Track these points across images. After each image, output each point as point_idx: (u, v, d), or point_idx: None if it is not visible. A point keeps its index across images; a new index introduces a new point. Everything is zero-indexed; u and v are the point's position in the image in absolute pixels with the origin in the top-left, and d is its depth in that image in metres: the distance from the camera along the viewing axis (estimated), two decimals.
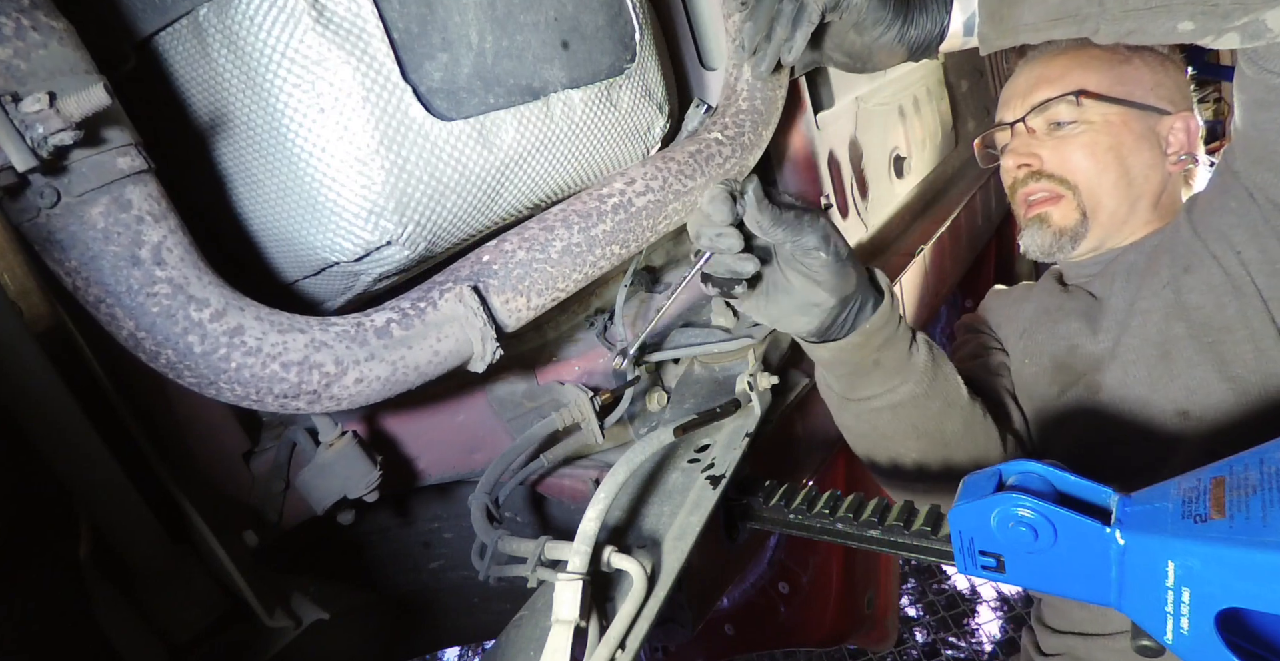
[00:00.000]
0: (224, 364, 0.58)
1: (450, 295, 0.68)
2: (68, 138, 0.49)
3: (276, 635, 0.83)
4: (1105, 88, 1.09)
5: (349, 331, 0.64)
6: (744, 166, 0.94)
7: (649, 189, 0.81)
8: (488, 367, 0.71)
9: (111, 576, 0.71)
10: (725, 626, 2.27)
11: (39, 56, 0.52)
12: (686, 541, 0.77)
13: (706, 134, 0.91)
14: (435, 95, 0.68)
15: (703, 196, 0.80)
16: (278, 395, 0.61)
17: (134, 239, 0.55)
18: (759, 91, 0.94)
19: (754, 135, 0.94)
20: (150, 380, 0.79)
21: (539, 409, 0.98)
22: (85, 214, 0.54)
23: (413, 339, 0.66)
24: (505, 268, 0.72)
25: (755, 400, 0.96)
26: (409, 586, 1.18)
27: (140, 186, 0.56)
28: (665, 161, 0.85)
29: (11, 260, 0.66)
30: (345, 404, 0.64)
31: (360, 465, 0.82)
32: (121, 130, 0.56)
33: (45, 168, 0.51)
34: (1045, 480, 0.62)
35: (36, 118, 0.48)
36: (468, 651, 3.40)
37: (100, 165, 0.54)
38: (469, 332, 0.68)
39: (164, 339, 0.57)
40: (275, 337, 0.60)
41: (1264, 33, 0.69)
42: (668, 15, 1.05)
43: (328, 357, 0.62)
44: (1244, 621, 0.54)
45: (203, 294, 0.58)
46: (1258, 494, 0.50)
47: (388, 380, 0.65)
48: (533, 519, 1.02)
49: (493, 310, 0.71)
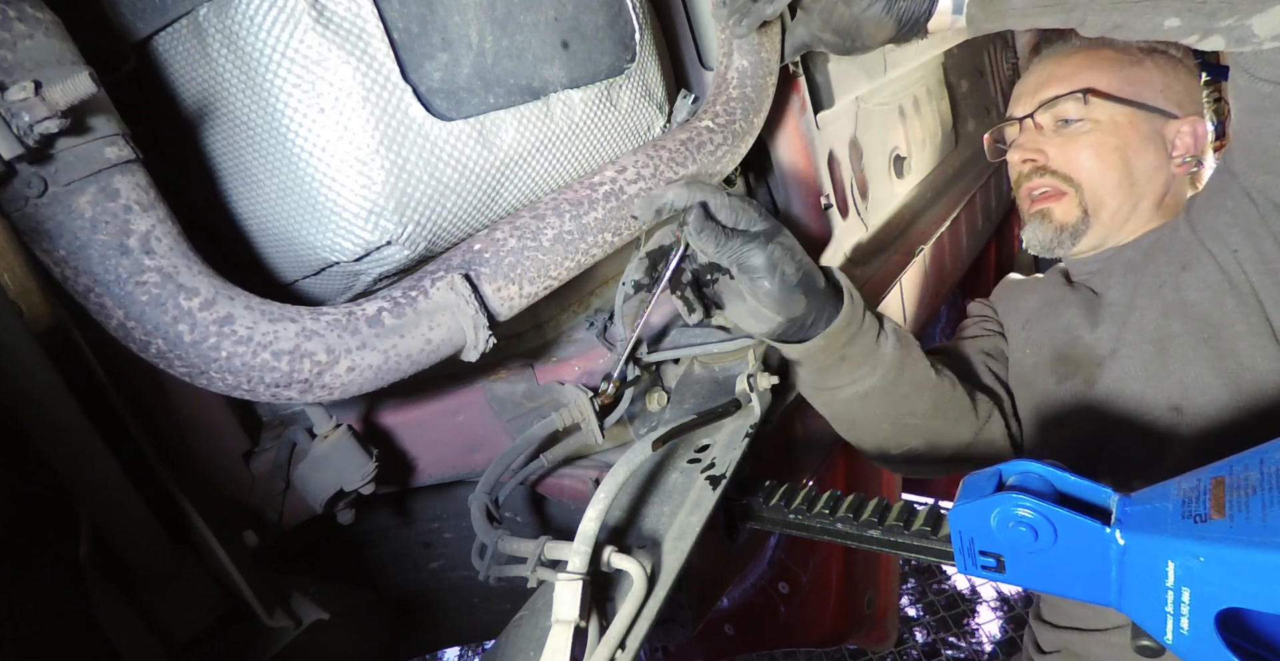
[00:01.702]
0: (214, 353, 0.58)
1: (442, 284, 0.68)
2: (53, 126, 0.49)
3: (276, 635, 0.83)
4: (1114, 88, 1.09)
5: (340, 320, 0.64)
6: (736, 154, 0.94)
7: (640, 177, 0.81)
8: (481, 357, 0.71)
9: (111, 576, 0.71)
10: (725, 626, 2.27)
11: (25, 47, 0.52)
12: (686, 541, 0.77)
13: (698, 122, 0.91)
14: (435, 95, 0.68)
15: (646, 204, 0.81)
16: (269, 384, 0.61)
17: (122, 228, 0.55)
18: (750, 79, 0.94)
19: (745, 123, 0.94)
20: (150, 380, 0.79)
21: (539, 409, 0.98)
22: (73, 203, 0.54)
23: (405, 327, 0.66)
24: (497, 256, 0.72)
25: (755, 400, 0.96)
26: (409, 586, 1.18)
27: (128, 176, 0.56)
28: (656, 149, 0.85)
29: (11, 260, 0.66)
30: (338, 393, 0.64)
31: (355, 457, 0.82)
32: (108, 120, 0.55)
33: (32, 156, 0.51)
34: (1045, 480, 0.62)
35: (22, 106, 0.48)
36: (468, 651, 3.40)
37: (87, 154, 0.54)
38: (461, 321, 0.68)
39: (153, 328, 0.56)
40: (266, 326, 0.60)
41: (1249, 38, 0.69)
42: (668, 15, 1.05)
43: (319, 346, 0.62)
44: (1244, 621, 0.54)
45: (192, 283, 0.58)
46: (1258, 494, 0.50)
47: (380, 368, 0.65)
48: (533, 519, 1.02)
49: (485, 298, 0.71)
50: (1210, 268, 0.94)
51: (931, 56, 1.68)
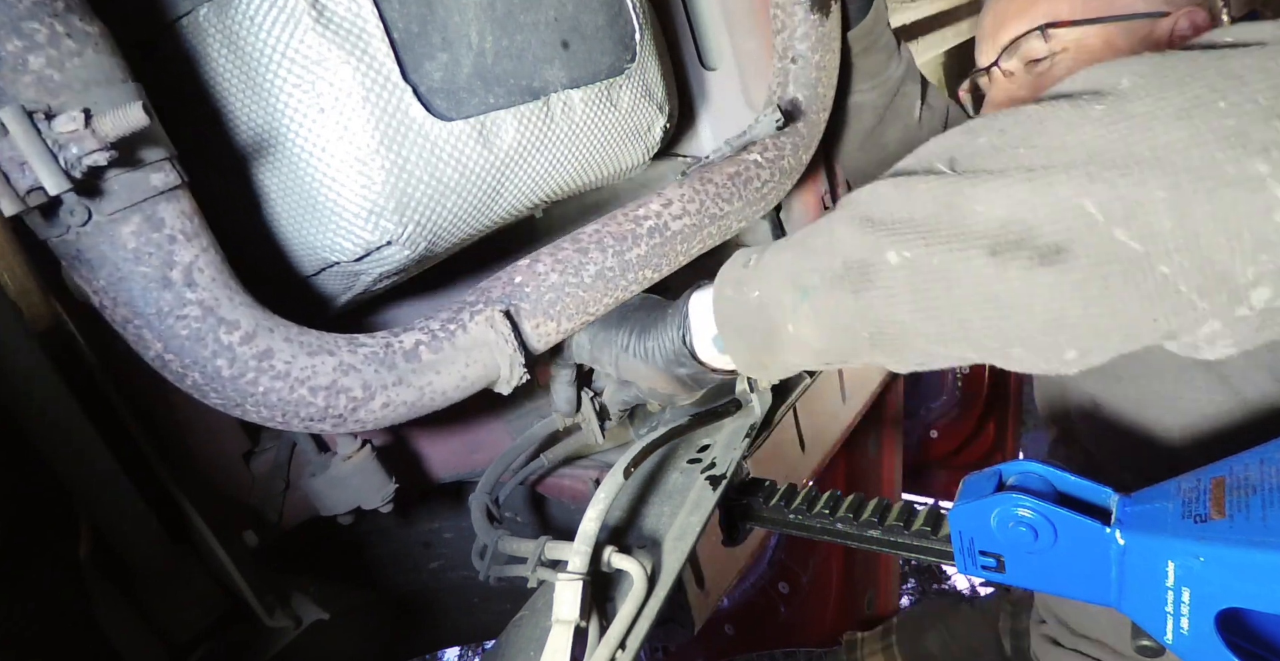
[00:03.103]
0: (252, 388, 0.58)
1: (481, 318, 0.67)
2: (102, 159, 0.47)
3: (276, 635, 0.83)
4: (1077, 10, 0.94)
5: (378, 354, 0.63)
6: (781, 191, 0.91)
7: (685, 212, 0.80)
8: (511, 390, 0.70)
9: (111, 576, 0.71)
10: (725, 626, 2.27)
11: (73, 66, 0.49)
12: (686, 541, 0.77)
13: (746, 156, 0.88)
14: (435, 95, 0.68)
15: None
16: (304, 418, 0.60)
17: (165, 260, 0.54)
18: (802, 114, 0.92)
19: (794, 159, 0.92)
20: (150, 380, 0.79)
21: (539, 409, 0.98)
22: (116, 233, 0.52)
23: (441, 363, 0.65)
24: (538, 291, 0.71)
25: (755, 400, 0.96)
26: (409, 586, 1.18)
27: (173, 203, 0.55)
28: (703, 183, 0.83)
29: (11, 260, 0.66)
30: (370, 426, 0.64)
31: (377, 478, 0.81)
32: (156, 146, 0.53)
33: (78, 188, 0.48)
34: (1045, 480, 0.62)
35: (71, 137, 0.46)
36: (468, 651, 3.40)
37: (133, 183, 0.52)
38: (498, 358, 0.67)
39: (191, 362, 0.56)
40: (304, 361, 0.59)
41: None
42: (668, 15, 1.05)
43: (355, 382, 0.61)
44: (1244, 621, 0.54)
45: (233, 316, 0.57)
46: (1258, 494, 0.50)
47: (414, 405, 0.65)
48: (533, 519, 1.02)
49: (523, 335, 0.69)
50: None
51: (933, 56, 1.68)
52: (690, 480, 0.87)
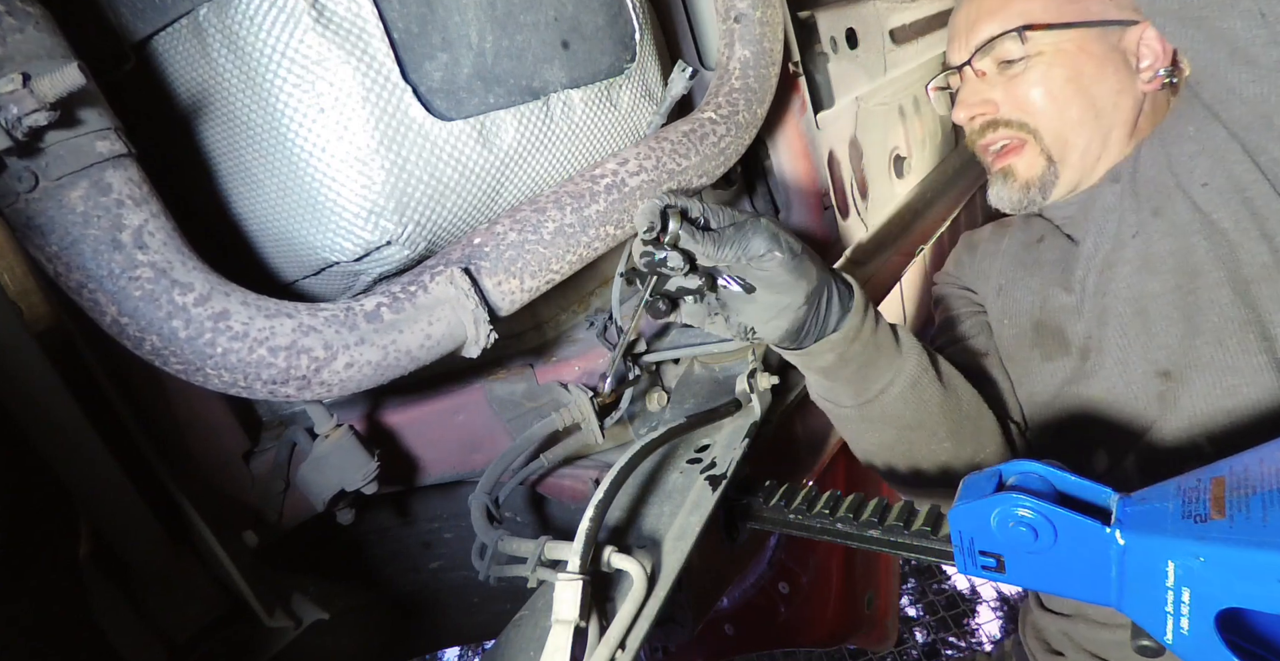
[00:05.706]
0: (210, 349, 0.57)
1: (441, 278, 0.68)
2: (42, 118, 0.48)
3: (276, 635, 0.83)
4: (1052, 13, 0.95)
5: (338, 316, 0.63)
6: (739, 145, 0.93)
7: (642, 169, 0.81)
8: (482, 353, 0.70)
9: (111, 576, 0.71)
10: (725, 626, 2.27)
11: (15, 41, 0.51)
12: (686, 541, 0.77)
13: (700, 113, 0.90)
14: (435, 95, 0.68)
15: (636, 218, 0.77)
16: (266, 380, 0.60)
17: (114, 223, 0.54)
18: (752, 69, 0.93)
19: (749, 114, 0.93)
20: (150, 380, 0.79)
21: (539, 409, 0.98)
22: (64, 198, 0.53)
23: (404, 322, 0.65)
24: (497, 250, 0.71)
25: (755, 400, 0.96)
26: (409, 586, 1.18)
27: (120, 170, 0.55)
28: (659, 141, 0.84)
29: (11, 260, 0.66)
30: (336, 390, 0.64)
31: (357, 456, 0.82)
32: (100, 114, 0.55)
33: (21, 150, 0.50)
34: (1045, 480, 0.62)
35: (10, 98, 0.47)
36: (468, 651, 3.40)
37: (78, 148, 0.53)
38: (461, 316, 0.68)
39: (148, 324, 0.56)
40: (262, 322, 0.59)
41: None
42: (668, 15, 1.05)
43: (316, 342, 0.61)
44: (1244, 621, 0.54)
45: (186, 278, 0.57)
46: (1258, 494, 0.50)
47: (379, 365, 0.64)
48: (533, 519, 1.02)
49: (485, 292, 0.70)
50: (1182, 207, 0.86)
51: (932, 56, 1.68)
52: (690, 480, 0.87)
